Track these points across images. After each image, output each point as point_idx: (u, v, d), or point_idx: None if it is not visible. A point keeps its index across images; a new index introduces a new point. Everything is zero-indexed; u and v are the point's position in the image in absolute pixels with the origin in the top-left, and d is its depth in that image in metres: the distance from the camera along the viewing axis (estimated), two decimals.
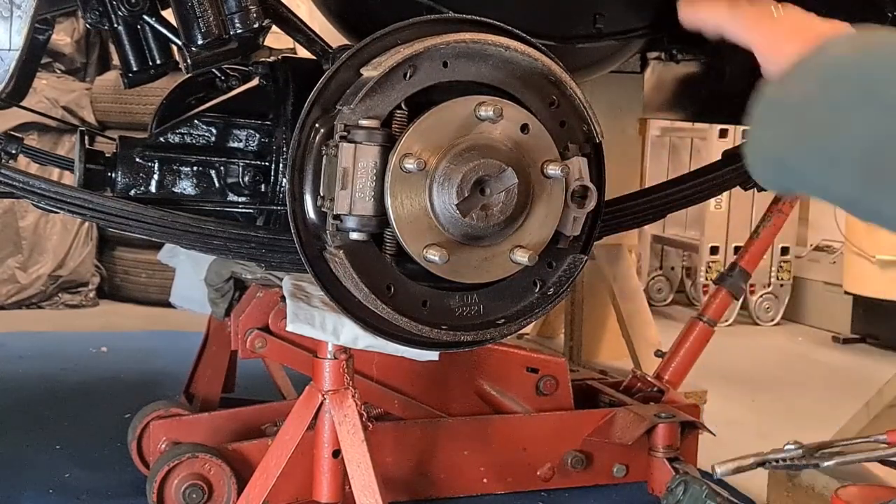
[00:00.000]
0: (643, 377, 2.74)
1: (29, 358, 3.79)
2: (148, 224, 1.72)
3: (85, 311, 4.91)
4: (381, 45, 1.56)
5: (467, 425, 2.45)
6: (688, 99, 3.13)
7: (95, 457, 2.74)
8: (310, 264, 1.59)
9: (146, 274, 4.93)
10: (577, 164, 1.57)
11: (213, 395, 2.72)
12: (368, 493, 1.97)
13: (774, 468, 1.36)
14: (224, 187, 1.92)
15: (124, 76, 1.96)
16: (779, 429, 3.34)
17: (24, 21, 1.52)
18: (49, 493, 2.49)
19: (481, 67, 1.55)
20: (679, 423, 2.44)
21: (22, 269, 4.84)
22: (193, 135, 1.94)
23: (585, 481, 2.54)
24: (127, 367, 3.67)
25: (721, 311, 2.75)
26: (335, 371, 2.00)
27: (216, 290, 2.49)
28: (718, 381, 3.53)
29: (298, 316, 1.93)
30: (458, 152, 1.48)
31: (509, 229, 1.53)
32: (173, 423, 2.38)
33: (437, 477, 2.44)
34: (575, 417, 2.53)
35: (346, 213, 1.49)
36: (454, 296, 1.60)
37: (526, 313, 1.64)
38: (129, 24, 1.86)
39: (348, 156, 1.48)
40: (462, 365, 2.48)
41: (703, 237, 5.34)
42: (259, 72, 2.01)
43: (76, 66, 5.16)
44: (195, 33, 1.64)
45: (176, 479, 2.20)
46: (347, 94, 1.54)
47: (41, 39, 2.14)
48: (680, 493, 2.18)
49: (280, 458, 2.03)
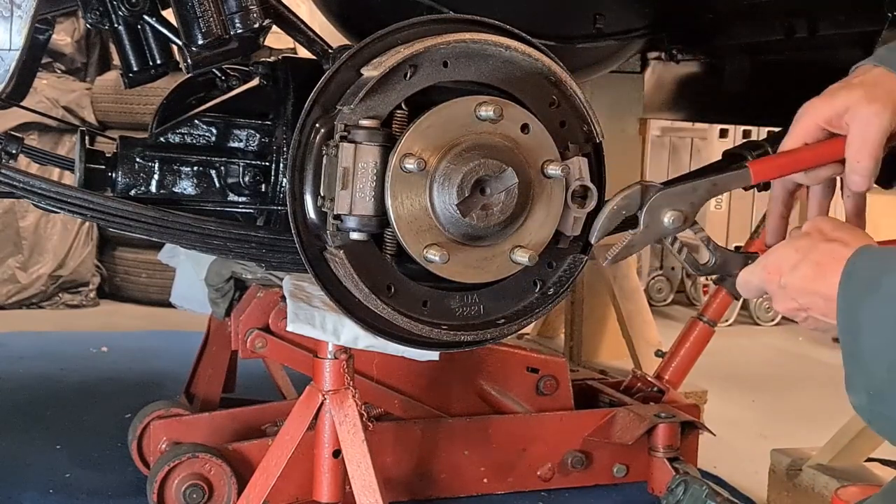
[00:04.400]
0: (643, 377, 2.74)
1: (29, 358, 3.79)
2: (148, 224, 1.71)
3: (85, 311, 4.91)
4: (381, 45, 1.56)
5: (467, 425, 2.45)
6: (688, 99, 3.13)
7: (96, 457, 2.74)
8: (310, 264, 1.59)
9: (146, 274, 4.93)
10: (577, 164, 1.57)
11: (214, 395, 2.72)
12: (369, 493, 1.97)
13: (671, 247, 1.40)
14: (224, 187, 1.92)
15: (125, 76, 1.96)
16: (779, 429, 3.34)
17: (24, 21, 1.52)
18: (49, 493, 2.50)
19: (482, 67, 1.55)
20: (679, 423, 2.44)
21: (22, 269, 4.84)
22: (194, 135, 1.94)
23: (585, 481, 2.54)
24: (127, 367, 3.67)
25: (721, 311, 2.76)
26: (335, 371, 2.00)
27: (216, 290, 2.49)
28: (718, 381, 3.53)
29: (299, 316, 1.93)
30: (458, 152, 1.48)
31: (509, 229, 1.53)
32: (174, 422, 2.38)
33: (438, 477, 2.44)
34: (575, 417, 2.53)
35: (346, 212, 1.49)
36: (454, 296, 1.60)
37: (526, 313, 1.64)
38: (130, 24, 1.86)
39: (349, 156, 1.48)
40: (462, 365, 2.48)
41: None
42: (259, 72, 2.01)
43: (76, 66, 5.16)
44: (195, 33, 1.64)
45: (176, 479, 2.20)
46: (348, 94, 1.54)
47: (41, 39, 2.14)
48: (680, 492, 2.19)
49: (280, 458, 2.03)
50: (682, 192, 1.37)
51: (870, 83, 1.26)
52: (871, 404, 1.02)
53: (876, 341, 0.99)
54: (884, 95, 1.24)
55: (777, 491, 2.60)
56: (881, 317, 0.99)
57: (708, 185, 1.38)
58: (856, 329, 1.02)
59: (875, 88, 1.25)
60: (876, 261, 1.05)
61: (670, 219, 1.37)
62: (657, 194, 1.37)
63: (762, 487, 2.66)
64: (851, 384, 1.04)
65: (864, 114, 1.24)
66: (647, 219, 1.38)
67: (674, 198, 1.37)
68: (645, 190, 1.38)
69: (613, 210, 1.39)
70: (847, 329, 1.04)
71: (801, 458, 2.55)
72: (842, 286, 1.06)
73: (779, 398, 3.84)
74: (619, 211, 1.39)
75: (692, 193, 1.37)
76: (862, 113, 1.24)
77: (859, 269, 1.05)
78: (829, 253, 1.11)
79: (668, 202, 1.37)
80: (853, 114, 1.25)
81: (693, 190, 1.37)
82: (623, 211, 1.39)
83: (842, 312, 1.05)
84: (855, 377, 1.03)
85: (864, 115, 1.24)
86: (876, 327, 1.00)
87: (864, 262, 1.06)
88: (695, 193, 1.37)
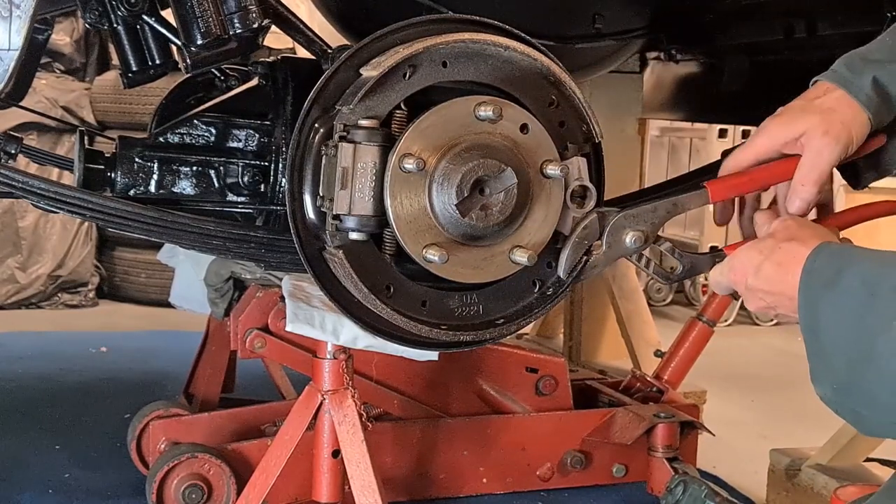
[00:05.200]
0: (642, 377, 2.74)
1: (28, 358, 3.79)
2: (147, 224, 1.71)
3: (84, 311, 4.91)
4: (380, 45, 1.56)
5: (467, 425, 2.45)
6: (687, 99, 3.14)
7: (95, 457, 2.74)
8: (309, 264, 1.59)
9: (146, 274, 4.93)
10: (576, 165, 1.57)
11: (213, 395, 2.72)
12: (368, 493, 1.97)
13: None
14: (223, 187, 1.92)
15: (124, 76, 1.96)
16: (778, 429, 3.35)
17: (23, 21, 1.52)
18: (48, 493, 2.49)
19: (481, 67, 1.55)
20: (678, 423, 2.43)
21: (21, 269, 4.84)
22: (193, 135, 1.93)
23: (585, 481, 2.54)
24: (126, 367, 3.67)
25: (721, 311, 2.75)
26: (335, 371, 2.00)
27: (215, 290, 2.49)
28: (718, 381, 3.53)
29: (298, 316, 1.93)
30: (457, 152, 1.48)
31: (509, 229, 1.53)
32: (173, 423, 2.38)
33: (437, 477, 2.44)
34: (574, 417, 2.53)
35: (345, 212, 1.49)
36: (453, 296, 1.60)
37: (525, 313, 1.63)
38: (129, 24, 1.85)
39: (347, 156, 1.48)
40: (461, 365, 2.48)
41: (702, 237, 5.34)
42: (258, 72, 2.01)
43: (75, 66, 5.16)
44: (195, 33, 1.64)
45: (175, 479, 2.20)
46: (347, 94, 1.54)
47: (40, 39, 2.14)
48: (679, 492, 2.19)
49: (279, 458, 2.03)
50: (642, 213, 1.46)
51: (827, 109, 1.33)
52: (836, 396, 1.04)
53: (836, 336, 1.02)
54: (838, 126, 1.31)
55: (776, 491, 2.60)
56: (840, 312, 1.01)
57: (668, 206, 1.48)
58: (816, 325, 1.05)
59: (832, 116, 1.32)
60: (834, 258, 1.08)
61: (632, 239, 1.45)
62: (617, 216, 1.46)
63: (761, 487, 2.67)
64: (816, 377, 1.06)
65: (817, 145, 1.31)
66: (609, 239, 1.47)
67: (634, 219, 1.46)
68: (602, 216, 1.48)
69: (576, 242, 1.49)
70: (808, 326, 1.06)
71: (800, 458, 2.55)
72: (802, 283, 1.09)
73: (778, 398, 3.84)
74: (582, 241, 1.49)
75: (652, 214, 1.46)
76: (815, 143, 1.31)
77: (818, 266, 1.08)
78: (790, 252, 1.15)
79: (629, 223, 1.46)
80: (807, 140, 1.32)
81: (653, 210, 1.46)
82: (585, 241, 1.49)
83: (802, 309, 1.08)
84: (819, 371, 1.06)
85: (817, 146, 1.31)
86: (835, 323, 1.02)
87: (822, 259, 1.09)
88: (655, 214, 1.46)
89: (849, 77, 1.33)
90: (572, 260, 1.48)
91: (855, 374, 0.98)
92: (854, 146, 1.32)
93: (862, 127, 1.32)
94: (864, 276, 1.00)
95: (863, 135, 1.32)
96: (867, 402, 0.99)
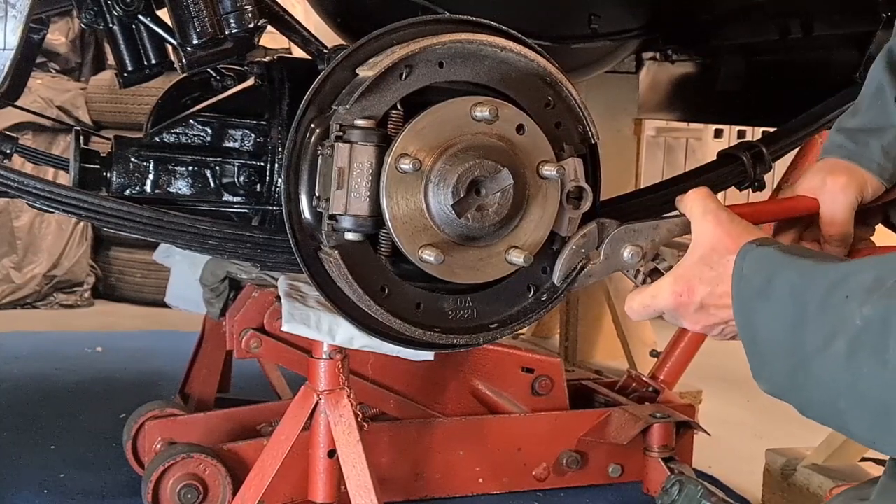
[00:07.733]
0: (638, 377, 2.74)
1: (24, 358, 3.78)
2: (143, 224, 1.71)
3: (80, 311, 4.90)
4: (376, 46, 1.56)
5: (463, 425, 2.45)
6: (683, 99, 3.14)
7: (90, 457, 2.74)
8: (305, 264, 1.59)
9: (141, 274, 4.92)
10: (572, 165, 1.57)
11: (209, 395, 2.72)
12: (364, 494, 1.97)
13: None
14: (219, 187, 1.92)
15: (119, 76, 1.96)
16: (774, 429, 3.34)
17: (18, 20, 1.52)
18: (44, 493, 2.49)
19: (477, 68, 1.55)
20: (674, 423, 2.44)
21: (17, 269, 4.83)
22: (189, 135, 1.93)
23: (581, 481, 2.54)
24: (122, 367, 3.66)
25: None
26: (331, 371, 2.00)
27: (211, 290, 2.49)
28: (714, 381, 3.53)
29: (294, 316, 1.93)
30: (453, 153, 1.48)
31: (505, 230, 1.53)
32: (168, 423, 2.37)
33: (433, 477, 2.44)
34: (570, 417, 2.53)
35: (341, 213, 1.49)
36: (448, 299, 1.60)
37: (519, 318, 1.63)
38: (125, 24, 1.85)
39: (344, 156, 1.48)
40: (457, 365, 2.48)
41: None
42: (255, 72, 2.01)
43: (71, 66, 5.15)
44: (190, 33, 1.64)
45: (171, 479, 2.20)
46: (343, 94, 1.54)
47: (36, 39, 2.14)
48: (675, 492, 2.19)
49: (275, 458, 2.03)
50: (643, 228, 1.44)
51: (843, 169, 1.38)
52: (778, 392, 1.04)
53: (774, 346, 1.01)
54: (847, 174, 1.35)
55: (772, 491, 2.60)
56: (776, 321, 1.00)
57: (670, 225, 1.44)
58: (753, 332, 1.05)
59: (848, 172, 1.37)
60: (763, 261, 1.07)
61: (629, 254, 1.43)
62: (618, 229, 1.44)
63: (757, 487, 2.67)
64: (758, 376, 1.06)
65: (831, 188, 1.35)
66: (607, 250, 1.45)
67: (634, 234, 1.44)
68: (602, 227, 1.46)
69: (573, 250, 1.47)
70: (745, 333, 1.06)
71: (795, 458, 2.55)
72: (734, 289, 1.08)
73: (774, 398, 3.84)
74: (579, 250, 1.47)
75: (653, 231, 1.44)
76: (828, 186, 1.35)
77: (748, 272, 1.08)
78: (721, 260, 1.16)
79: (628, 237, 1.44)
80: (821, 188, 1.36)
81: (654, 228, 1.44)
82: (582, 250, 1.47)
83: (738, 314, 1.08)
84: (760, 372, 1.05)
85: (831, 190, 1.35)
86: (772, 332, 1.01)
87: (751, 263, 1.08)
88: (656, 231, 1.44)
89: (855, 150, 1.38)
90: (568, 267, 1.47)
91: (795, 382, 0.98)
92: (868, 198, 1.37)
93: (876, 189, 1.37)
94: (792, 285, 0.99)
95: (876, 191, 1.37)
96: (807, 406, 0.99)
